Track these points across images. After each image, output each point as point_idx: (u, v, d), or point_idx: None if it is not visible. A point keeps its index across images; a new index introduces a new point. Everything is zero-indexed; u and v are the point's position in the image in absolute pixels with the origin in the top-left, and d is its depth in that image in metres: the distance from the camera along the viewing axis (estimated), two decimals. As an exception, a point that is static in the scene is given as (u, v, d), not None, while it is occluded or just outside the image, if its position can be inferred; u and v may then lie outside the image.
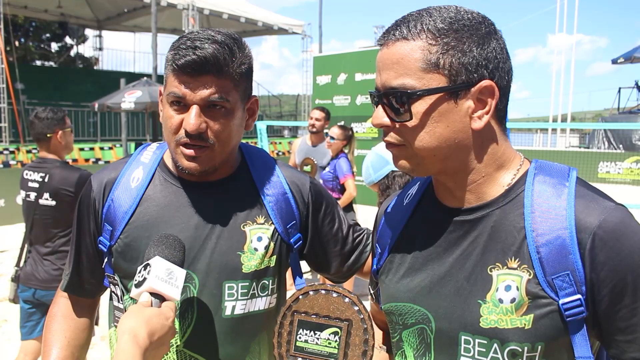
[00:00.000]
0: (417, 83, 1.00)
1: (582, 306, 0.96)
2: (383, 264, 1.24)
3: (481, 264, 1.05)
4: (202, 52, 1.25)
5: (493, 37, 1.03)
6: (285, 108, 34.15)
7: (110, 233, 1.41)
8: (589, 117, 62.05)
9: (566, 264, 0.97)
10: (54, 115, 3.49)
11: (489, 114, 1.03)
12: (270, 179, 1.49)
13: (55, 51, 32.10)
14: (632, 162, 18.03)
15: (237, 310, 1.39)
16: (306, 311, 1.17)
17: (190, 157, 1.32)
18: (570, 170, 1.07)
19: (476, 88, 1.01)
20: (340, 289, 1.17)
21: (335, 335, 1.15)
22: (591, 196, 1.01)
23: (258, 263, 1.40)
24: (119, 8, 24.37)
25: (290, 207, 1.48)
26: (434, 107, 1.01)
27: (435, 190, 1.18)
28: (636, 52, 25.35)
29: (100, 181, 1.46)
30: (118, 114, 16.60)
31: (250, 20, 23.13)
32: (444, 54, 0.99)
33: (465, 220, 1.09)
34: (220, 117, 1.31)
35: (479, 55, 1.00)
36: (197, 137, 1.30)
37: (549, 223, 1.00)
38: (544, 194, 1.03)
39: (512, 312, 1.00)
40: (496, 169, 1.08)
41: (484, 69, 1.01)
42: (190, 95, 1.28)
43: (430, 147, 1.03)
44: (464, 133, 1.03)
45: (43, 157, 3.54)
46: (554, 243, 0.98)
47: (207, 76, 1.27)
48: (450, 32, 1.00)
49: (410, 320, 1.14)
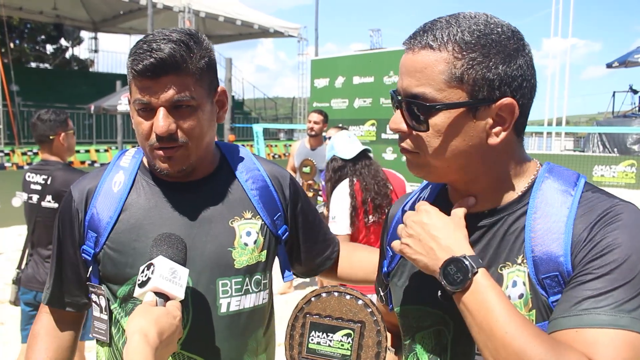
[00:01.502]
0: (438, 95, 0.99)
1: None
2: (395, 266, 1.24)
3: (494, 265, 1.06)
4: (158, 54, 1.23)
5: (521, 53, 1.01)
6: (281, 111, 34.20)
7: (95, 240, 1.39)
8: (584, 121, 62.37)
9: (556, 266, 0.98)
10: (57, 117, 3.48)
11: (506, 132, 1.02)
12: (251, 173, 1.49)
13: (51, 53, 32.00)
14: (626, 166, 18.15)
15: (232, 307, 1.38)
16: (318, 313, 1.17)
17: (164, 158, 1.32)
18: (579, 178, 1.06)
19: (497, 105, 1.00)
20: (353, 291, 1.17)
21: (348, 337, 1.15)
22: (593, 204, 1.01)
23: (249, 258, 1.41)
24: (115, 10, 24.34)
25: (274, 199, 1.49)
26: (451, 120, 1.00)
27: (449, 194, 1.18)
28: (630, 57, 25.50)
29: (81, 190, 1.44)
30: (114, 116, 16.58)
31: (246, 23, 23.17)
32: (469, 69, 0.98)
33: (479, 226, 1.09)
34: (188, 115, 1.30)
35: (503, 72, 0.99)
36: (168, 138, 1.29)
37: (547, 227, 1.01)
38: (548, 198, 1.03)
39: (520, 308, 1.00)
40: (512, 177, 1.08)
41: (506, 87, 0.99)
42: (155, 99, 1.26)
43: (445, 159, 1.03)
44: (480, 147, 1.03)
45: (45, 160, 3.54)
46: (548, 246, 0.99)
47: (167, 77, 1.25)
48: (477, 47, 0.98)
49: (426, 322, 1.14)
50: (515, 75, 1.00)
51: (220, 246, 1.38)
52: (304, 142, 6.52)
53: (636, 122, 23.32)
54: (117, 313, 1.40)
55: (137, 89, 1.28)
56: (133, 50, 1.28)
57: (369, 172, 3.44)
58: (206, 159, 1.43)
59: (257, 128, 11.11)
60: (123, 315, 1.39)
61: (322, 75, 10.46)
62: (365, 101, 9.79)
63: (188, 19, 19.95)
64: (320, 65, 10.88)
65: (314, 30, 24.17)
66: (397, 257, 1.24)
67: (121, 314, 1.39)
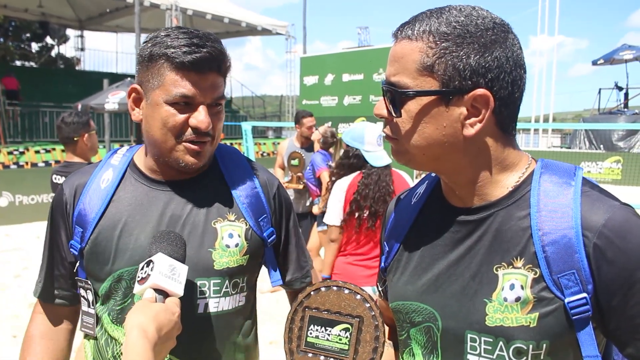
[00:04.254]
0: (411, 82, 1.02)
1: (588, 304, 0.97)
2: (391, 262, 1.25)
3: (487, 264, 1.06)
4: (208, 50, 1.26)
5: (500, 45, 1.01)
6: (269, 109, 34.07)
7: (81, 235, 1.40)
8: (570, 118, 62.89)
9: (572, 262, 0.97)
10: (80, 119, 3.68)
11: (482, 123, 1.02)
12: (240, 175, 1.50)
13: (36, 51, 31.63)
14: (612, 162, 18.34)
15: (210, 309, 1.39)
16: (317, 307, 1.18)
17: (195, 152, 1.34)
18: (577, 169, 1.07)
19: (470, 96, 1.00)
20: (352, 285, 1.18)
21: (346, 332, 1.16)
22: (597, 195, 1.02)
23: (230, 260, 1.40)
24: (101, 8, 24.09)
25: (261, 201, 1.49)
26: (424, 108, 1.03)
27: (442, 189, 1.19)
28: (615, 54, 25.75)
29: (71, 185, 1.46)
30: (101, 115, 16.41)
31: (234, 21, 23.05)
32: (440, 59, 1.00)
33: (469, 220, 1.10)
34: (218, 114, 1.36)
35: (475, 63, 0.99)
36: (206, 133, 1.32)
37: (555, 222, 1.00)
38: (550, 193, 1.03)
39: (517, 310, 1.01)
40: (498, 172, 1.08)
41: (480, 77, 0.99)
42: (200, 94, 1.29)
43: (419, 146, 1.05)
44: (455, 137, 1.04)
45: (70, 161, 3.72)
46: (560, 242, 0.99)
47: (212, 74, 1.29)
48: (451, 37, 1.00)
49: (418, 318, 1.14)
50: (490, 67, 0.99)
51: (200, 246, 1.38)
52: (293, 140, 6.54)
53: (622, 119, 23.57)
54: (99, 310, 1.41)
55: (178, 81, 1.28)
56: (169, 42, 1.27)
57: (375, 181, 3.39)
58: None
59: (246, 126, 11.08)
60: (104, 312, 1.39)
61: (312, 72, 10.45)
62: (355, 98, 9.80)
63: (175, 17, 19.81)
64: (309, 62, 10.87)
65: (302, 28, 24.13)
66: (392, 253, 1.24)
67: (103, 311, 1.40)
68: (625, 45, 25.98)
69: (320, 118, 7.31)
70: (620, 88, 26.38)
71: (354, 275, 3.38)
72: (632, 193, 15.29)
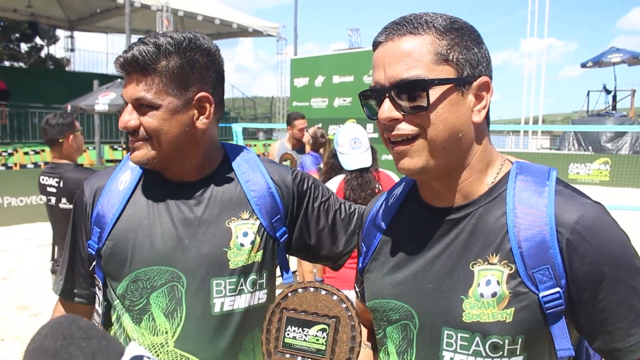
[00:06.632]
0: (430, 74, 1.04)
1: (561, 299, 1.00)
2: (368, 262, 1.27)
3: (463, 261, 1.08)
4: (127, 53, 1.32)
5: (482, 40, 1.11)
6: (260, 110, 34.04)
7: (99, 236, 1.43)
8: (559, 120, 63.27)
9: (546, 258, 1.01)
10: (64, 120, 3.65)
11: (485, 108, 1.09)
12: (253, 175, 1.51)
13: (25, 52, 31.42)
14: (600, 164, 18.48)
15: (225, 307, 1.40)
16: (294, 308, 1.19)
17: (131, 149, 1.40)
18: (551, 170, 1.11)
19: (477, 83, 1.07)
20: (328, 286, 1.19)
21: (323, 332, 1.17)
22: (570, 194, 1.06)
23: (245, 259, 1.42)
24: (92, 8, 23.97)
25: (275, 201, 1.50)
26: (445, 97, 1.05)
27: (420, 191, 1.21)
28: (604, 57, 25.96)
29: (91, 186, 1.50)
30: (91, 116, 16.32)
31: (225, 22, 23.01)
32: (452, 48, 1.05)
33: (448, 219, 1.12)
34: (149, 114, 1.35)
35: (479, 53, 1.08)
36: (131, 132, 1.37)
37: (531, 219, 1.04)
38: (525, 192, 1.07)
39: (493, 306, 1.03)
40: (485, 166, 1.12)
41: (482, 67, 1.08)
42: (125, 93, 1.36)
43: (443, 137, 1.06)
44: (468, 126, 1.08)
45: (56, 162, 3.70)
46: (535, 238, 1.02)
47: (133, 74, 1.34)
48: (453, 30, 1.06)
49: (394, 316, 1.17)
50: (485, 57, 1.09)
51: (215, 246, 1.40)
52: (284, 141, 6.56)
53: (610, 121, 23.75)
54: (119, 309, 1.43)
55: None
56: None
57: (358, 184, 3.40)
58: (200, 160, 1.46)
59: (237, 128, 11.06)
60: (124, 312, 1.42)
61: (302, 74, 10.47)
62: (345, 100, 9.83)
63: (166, 18, 19.75)
64: (300, 64, 10.89)
65: (293, 29, 24.13)
66: (369, 254, 1.26)
67: (122, 310, 1.42)
68: (613, 49, 26.20)
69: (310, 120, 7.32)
70: (608, 91, 26.60)
71: (346, 278, 3.38)
72: (620, 194, 15.42)
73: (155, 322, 1.38)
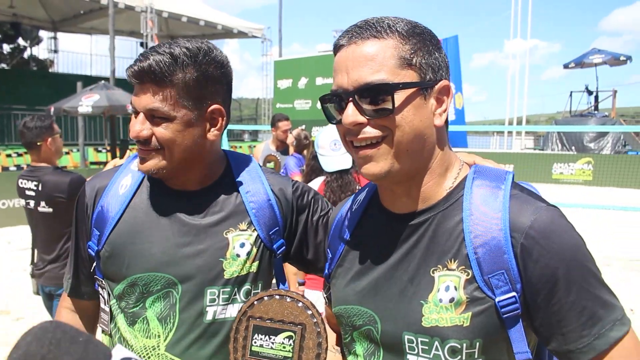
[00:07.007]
0: (394, 78, 1.05)
1: (517, 303, 1.02)
2: (333, 268, 1.29)
3: (424, 266, 1.11)
4: (142, 62, 1.32)
5: (441, 46, 1.13)
6: (245, 112, 33.99)
7: (98, 238, 1.45)
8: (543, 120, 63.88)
9: (501, 263, 1.03)
10: (42, 123, 3.60)
11: (446, 112, 1.11)
12: (253, 186, 1.51)
13: (8, 53, 31.03)
14: (583, 164, 18.69)
15: (218, 315, 1.41)
16: (261, 316, 1.20)
17: (141, 158, 1.39)
18: (507, 174, 1.13)
19: (438, 87, 1.10)
20: (294, 293, 1.21)
21: (289, 339, 1.18)
22: (525, 198, 1.08)
23: (240, 269, 1.43)
24: (75, 9, 23.78)
25: (274, 213, 1.50)
26: (410, 100, 1.06)
27: (380, 196, 1.23)
28: (585, 58, 26.29)
29: (92, 187, 1.51)
30: (75, 118, 16.20)
31: (210, 24, 22.93)
32: (415, 53, 1.07)
33: (408, 225, 1.14)
34: (163, 125, 1.35)
35: (439, 58, 1.11)
36: (142, 142, 1.36)
37: (486, 225, 1.06)
38: (481, 197, 1.09)
39: (451, 310, 1.05)
40: (444, 170, 1.15)
41: (442, 71, 1.11)
42: (137, 103, 1.35)
43: (408, 140, 1.07)
44: (430, 129, 1.10)
45: (35, 165, 3.65)
46: (490, 244, 1.04)
47: (148, 84, 1.33)
48: (415, 35, 1.08)
49: (359, 322, 1.18)
50: (445, 62, 1.12)
51: (212, 256, 1.41)
52: (268, 143, 6.56)
53: (592, 121, 24.03)
54: (114, 309, 1.46)
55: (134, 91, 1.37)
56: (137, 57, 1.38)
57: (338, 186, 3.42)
58: (205, 170, 1.47)
59: (221, 129, 11.02)
60: (119, 312, 1.44)
61: (285, 76, 10.49)
62: (329, 102, 9.84)
63: (150, 19, 19.65)
64: (283, 66, 10.90)
65: (278, 31, 24.13)
66: (335, 260, 1.28)
67: (117, 311, 1.45)
68: (594, 50, 26.53)
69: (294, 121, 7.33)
70: (590, 92, 26.91)
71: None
72: (603, 194, 15.62)
73: (148, 325, 1.40)
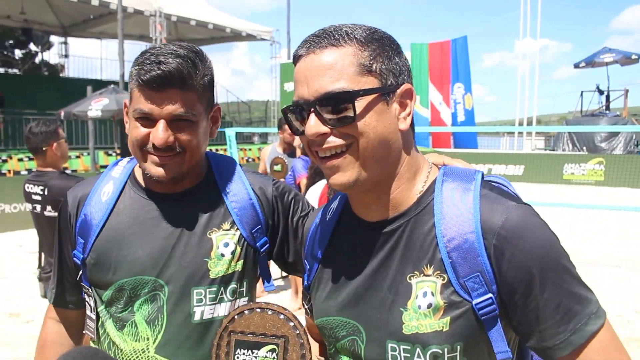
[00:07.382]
0: (354, 85, 1.04)
1: (494, 304, 1.02)
2: (312, 279, 1.28)
3: (400, 274, 1.10)
4: (166, 67, 1.29)
5: (402, 50, 1.14)
6: (255, 114, 34.07)
7: (83, 246, 1.45)
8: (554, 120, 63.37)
9: (476, 265, 1.02)
10: (47, 128, 3.63)
11: (410, 115, 1.11)
12: (235, 186, 1.53)
13: (19, 58, 31.40)
14: (595, 164, 18.51)
15: (205, 315, 1.43)
16: (242, 330, 1.19)
17: (158, 164, 1.37)
18: (476, 173, 1.13)
19: (400, 91, 1.09)
20: (275, 306, 1.20)
21: (272, 353, 1.17)
22: (494, 197, 1.07)
23: (225, 268, 1.44)
24: (85, 15, 23.95)
25: (256, 212, 1.52)
26: (372, 107, 1.05)
27: (351, 205, 1.21)
28: (596, 57, 26.04)
29: (75, 196, 1.52)
30: (85, 122, 16.31)
31: (219, 27, 23.03)
32: (374, 59, 1.06)
33: (382, 233, 1.14)
34: (187, 129, 1.37)
35: (400, 62, 1.10)
36: (166, 149, 1.35)
37: (458, 228, 1.05)
38: (451, 200, 1.08)
39: (430, 316, 1.05)
40: (412, 175, 1.14)
41: (404, 75, 1.10)
42: (157, 111, 1.32)
43: (374, 146, 1.06)
44: (395, 134, 1.09)
45: (41, 170, 3.69)
46: (463, 247, 1.03)
47: (171, 90, 1.31)
48: (373, 41, 1.08)
49: (342, 332, 1.18)
50: (406, 65, 1.13)
51: (196, 257, 1.43)
52: (275, 146, 6.56)
53: (603, 121, 23.79)
54: (103, 315, 1.47)
55: (139, 99, 1.33)
56: (140, 60, 1.33)
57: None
58: (194, 171, 1.48)
59: (230, 132, 11.04)
60: (108, 318, 1.45)
61: (292, 78, 10.48)
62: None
63: (159, 23, 19.77)
64: (289, 68, 10.93)
65: (286, 33, 24.18)
66: (314, 270, 1.27)
67: (106, 317, 1.46)
68: (605, 49, 26.27)
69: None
70: (602, 91, 26.66)
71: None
72: (614, 194, 15.46)
73: (137, 328, 1.41)
